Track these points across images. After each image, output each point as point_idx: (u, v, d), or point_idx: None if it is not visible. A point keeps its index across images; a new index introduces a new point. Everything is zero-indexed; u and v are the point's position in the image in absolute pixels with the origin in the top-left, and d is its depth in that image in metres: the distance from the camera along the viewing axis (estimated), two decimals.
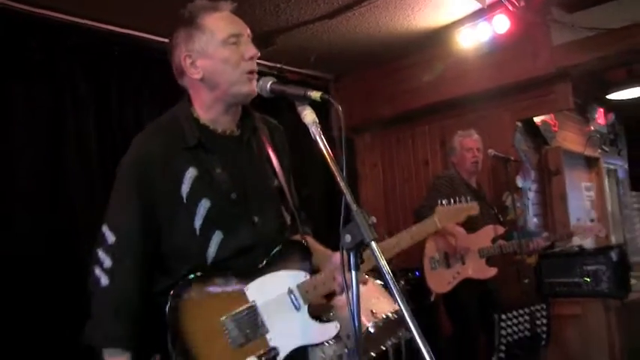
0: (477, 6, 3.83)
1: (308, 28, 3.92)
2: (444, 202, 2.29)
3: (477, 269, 3.77)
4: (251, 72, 1.64)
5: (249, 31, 1.67)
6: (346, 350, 2.95)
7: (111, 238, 1.59)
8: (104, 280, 1.58)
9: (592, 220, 4.64)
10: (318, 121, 1.44)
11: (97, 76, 3.40)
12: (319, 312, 1.77)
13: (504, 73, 4.17)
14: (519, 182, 4.37)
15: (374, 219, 2.38)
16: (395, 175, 5.30)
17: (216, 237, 1.64)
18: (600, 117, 5.86)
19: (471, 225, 3.78)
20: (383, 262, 1.25)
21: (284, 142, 1.90)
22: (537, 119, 4.77)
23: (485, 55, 4.16)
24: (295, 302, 1.68)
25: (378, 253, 1.25)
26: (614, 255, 3.93)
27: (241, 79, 1.63)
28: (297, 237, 1.80)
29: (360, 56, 4.60)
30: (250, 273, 1.67)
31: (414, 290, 4.05)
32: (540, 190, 4.79)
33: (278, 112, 2.06)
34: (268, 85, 1.55)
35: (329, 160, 1.38)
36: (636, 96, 5.28)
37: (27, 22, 3.09)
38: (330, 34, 4.08)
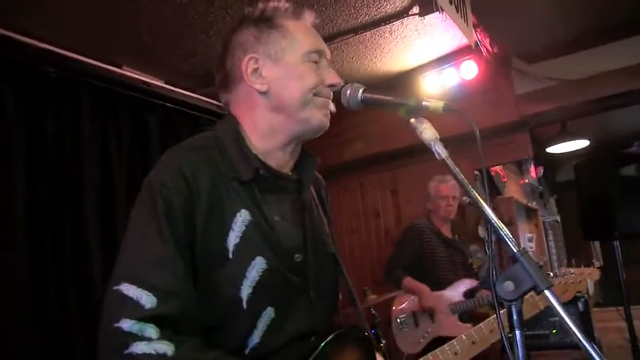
0: (445, 51, 3.76)
1: None
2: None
3: (449, 327, 3.54)
4: (327, 102, 1.28)
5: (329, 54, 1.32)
6: None
7: (147, 300, 1.05)
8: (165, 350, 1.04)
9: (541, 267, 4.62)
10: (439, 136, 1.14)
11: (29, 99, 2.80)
12: None
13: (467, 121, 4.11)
14: (481, 232, 4.26)
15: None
16: (342, 226, 5.01)
17: (266, 315, 1.18)
18: (532, 171, 6.03)
19: (441, 278, 3.60)
20: (564, 313, 0.95)
21: (328, 202, 1.50)
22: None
23: (450, 101, 4.08)
24: None
25: (556, 303, 0.95)
26: (580, 305, 3.89)
27: (314, 106, 1.25)
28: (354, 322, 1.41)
29: None
30: None
31: None
32: (496, 240, 4.73)
33: None
34: (360, 94, 1.22)
35: (467, 187, 1.08)
36: (568, 150, 5.47)
37: None
38: None
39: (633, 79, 3.76)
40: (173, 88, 3.51)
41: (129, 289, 1.06)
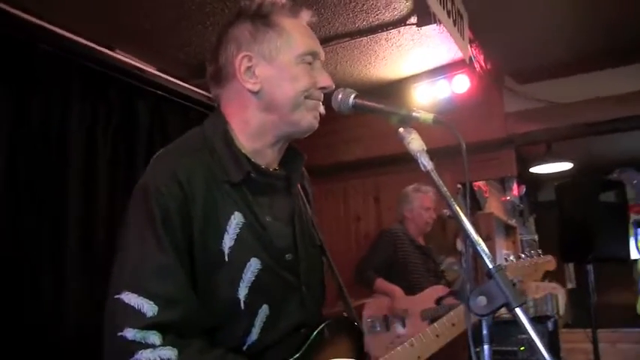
0: (439, 63, 3.79)
1: None
2: (511, 258, 2.02)
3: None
4: (317, 104, 1.28)
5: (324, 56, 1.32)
6: None
7: (148, 308, 1.06)
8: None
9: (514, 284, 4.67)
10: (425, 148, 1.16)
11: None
12: None
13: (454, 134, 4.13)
14: (459, 245, 4.29)
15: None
16: (322, 228, 5.00)
17: (262, 313, 1.20)
18: (515, 188, 6.08)
19: (413, 284, 3.61)
20: (533, 332, 0.97)
21: (312, 195, 1.52)
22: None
23: (439, 113, 4.10)
24: None
25: (526, 322, 0.97)
26: (550, 324, 3.95)
27: (305, 108, 1.25)
28: (342, 312, 1.44)
29: None
30: None
31: None
32: (473, 255, 4.76)
33: None
34: (351, 100, 1.23)
35: (449, 200, 1.09)
36: (551, 171, 5.53)
37: None
38: None
39: (622, 106, 3.82)
40: (166, 76, 3.49)
41: (130, 298, 1.06)
